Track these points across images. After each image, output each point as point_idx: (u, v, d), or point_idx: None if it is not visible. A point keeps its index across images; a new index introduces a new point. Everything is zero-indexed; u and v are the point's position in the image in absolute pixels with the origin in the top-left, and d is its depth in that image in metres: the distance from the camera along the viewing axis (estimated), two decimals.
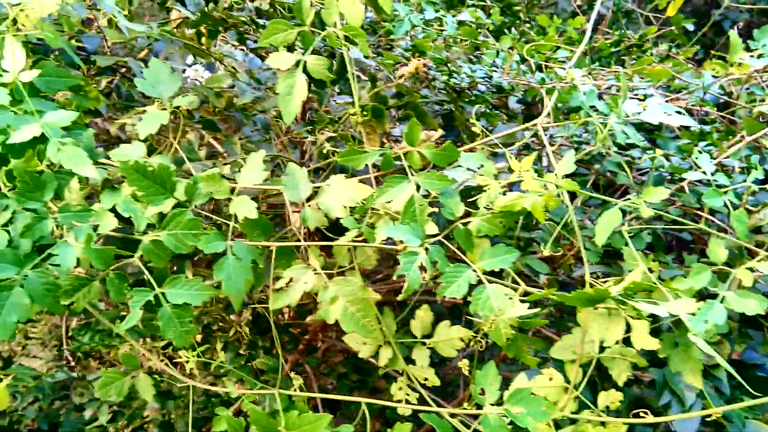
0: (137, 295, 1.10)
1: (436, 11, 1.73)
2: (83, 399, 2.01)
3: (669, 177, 1.45)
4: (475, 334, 1.23)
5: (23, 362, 1.98)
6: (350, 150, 1.05)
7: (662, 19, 2.59)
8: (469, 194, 1.12)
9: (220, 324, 1.73)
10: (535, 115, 2.02)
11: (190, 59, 2.06)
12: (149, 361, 1.39)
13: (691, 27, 2.37)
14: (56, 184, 1.19)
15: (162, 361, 1.33)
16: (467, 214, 1.10)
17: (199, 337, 1.79)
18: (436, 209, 1.10)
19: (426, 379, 1.26)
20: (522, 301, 1.00)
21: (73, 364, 1.96)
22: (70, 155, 1.17)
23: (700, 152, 1.23)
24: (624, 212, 1.20)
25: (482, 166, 1.18)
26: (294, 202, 1.17)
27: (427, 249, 1.04)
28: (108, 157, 1.33)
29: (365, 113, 1.12)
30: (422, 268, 1.02)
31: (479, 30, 1.86)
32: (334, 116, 1.41)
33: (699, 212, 1.30)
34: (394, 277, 1.53)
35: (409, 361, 1.28)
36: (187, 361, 1.21)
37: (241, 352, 1.82)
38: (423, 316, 1.30)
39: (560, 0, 3.53)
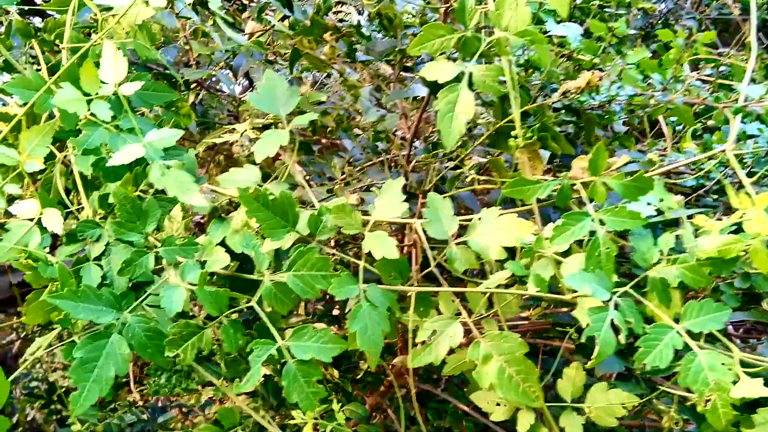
0: (258, 348, 0.92)
1: (558, 22, 1.54)
2: None
3: None
4: (644, 402, 1.02)
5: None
6: (520, 179, 0.87)
7: None
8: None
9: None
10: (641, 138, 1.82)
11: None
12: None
13: None
14: (159, 214, 1.03)
15: (264, 418, 1.15)
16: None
17: None
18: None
19: None
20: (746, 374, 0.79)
21: (141, 404, 1.80)
22: (175, 180, 1.00)
23: None
24: None
25: (662, 199, 0.98)
26: (436, 239, 0.98)
27: (616, 304, 0.84)
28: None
29: (530, 135, 0.94)
30: (614, 328, 0.83)
31: (600, 44, 1.67)
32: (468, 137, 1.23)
33: None
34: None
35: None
36: (305, 423, 1.02)
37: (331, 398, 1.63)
38: (574, 375, 1.10)
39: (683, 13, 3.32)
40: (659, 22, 4.13)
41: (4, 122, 1.35)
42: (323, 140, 1.59)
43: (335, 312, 1.59)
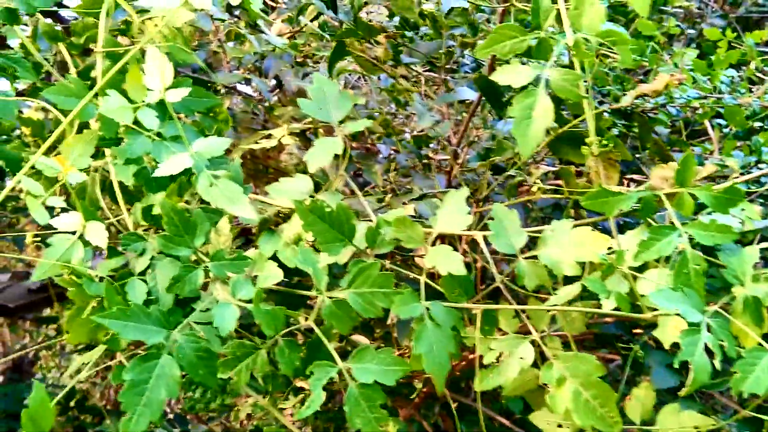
0: (318, 371, 0.86)
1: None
2: None
3: None
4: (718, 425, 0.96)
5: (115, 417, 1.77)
6: (601, 191, 0.81)
7: None
8: None
9: None
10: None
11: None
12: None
13: None
14: (208, 227, 0.98)
15: None
16: None
17: None
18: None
19: None
20: None
21: (171, 417, 1.75)
22: (223, 191, 0.95)
23: None
24: None
25: (743, 209, 0.92)
26: (504, 253, 0.93)
27: (708, 326, 0.78)
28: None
29: (605, 143, 0.88)
30: (708, 351, 0.77)
31: (648, 43, 1.61)
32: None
33: None
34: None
35: None
36: None
37: None
38: (643, 396, 1.04)
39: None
40: (685, 20, 4.04)
41: (25, 126, 1.31)
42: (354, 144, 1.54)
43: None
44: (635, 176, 1.57)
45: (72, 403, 2.27)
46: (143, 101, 0.96)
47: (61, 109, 1.02)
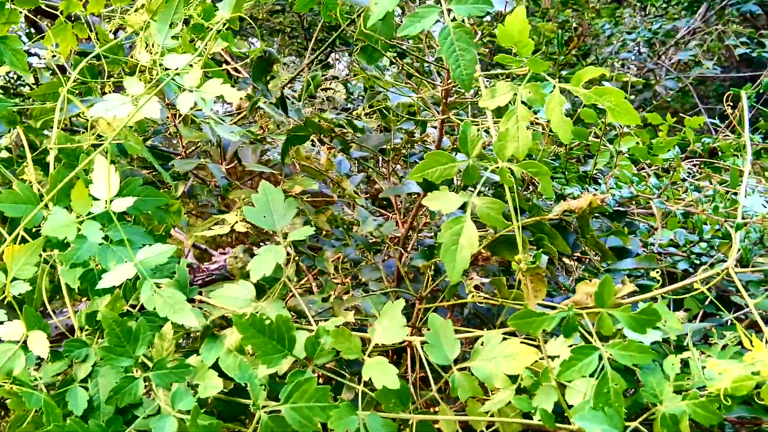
0: None
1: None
2: None
3: None
4: None
5: None
6: (526, 312, 0.85)
7: None
8: None
9: None
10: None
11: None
12: None
13: None
14: (150, 336, 0.99)
15: None
16: None
17: None
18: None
19: None
20: None
21: None
22: (167, 300, 0.97)
23: None
24: None
25: (666, 321, 0.97)
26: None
27: None
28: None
29: (534, 261, 0.93)
30: None
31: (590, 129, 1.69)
32: None
33: None
34: None
35: None
36: None
37: None
38: None
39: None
40: (640, 80, 4.21)
41: None
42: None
43: None
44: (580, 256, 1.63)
45: None
46: (89, 213, 0.98)
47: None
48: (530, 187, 1.46)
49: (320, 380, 1.00)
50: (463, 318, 1.30)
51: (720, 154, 1.86)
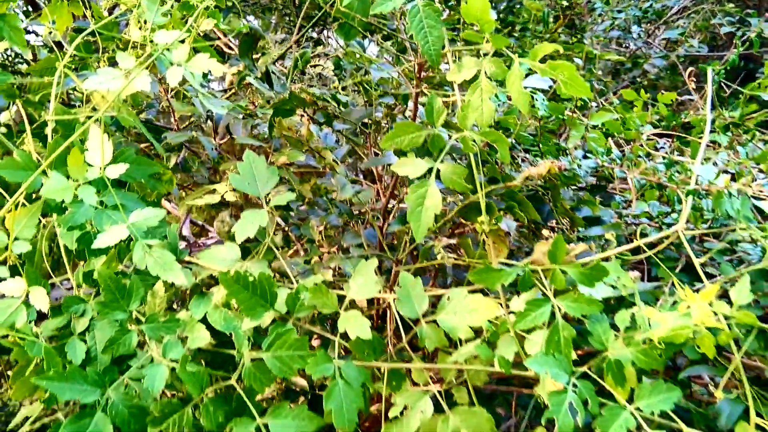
0: (238, 427, 0.96)
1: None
2: None
3: None
4: None
5: None
6: (486, 268, 0.93)
7: None
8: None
9: None
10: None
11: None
12: None
13: None
14: (143, 292, 1.07)
15: None
16: None
17: None
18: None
19: None
20: None
21: None
22: (158, 260, 1.05)
23: None
24: None
25: (619, 278, 1.05)
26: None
27: (575, 386, 0.90)
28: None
29: (495, 221, 1.01)
30: (572, 409, 0.89)
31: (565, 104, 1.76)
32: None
33: None
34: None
35: None
36: None
37: None
38: None
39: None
40: (629, 59, 4.27)
41: None
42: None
43: None
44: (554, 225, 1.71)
45: None
46: (84, 178, 1.06)
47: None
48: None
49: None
50: (446, 287, 1.39)
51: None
